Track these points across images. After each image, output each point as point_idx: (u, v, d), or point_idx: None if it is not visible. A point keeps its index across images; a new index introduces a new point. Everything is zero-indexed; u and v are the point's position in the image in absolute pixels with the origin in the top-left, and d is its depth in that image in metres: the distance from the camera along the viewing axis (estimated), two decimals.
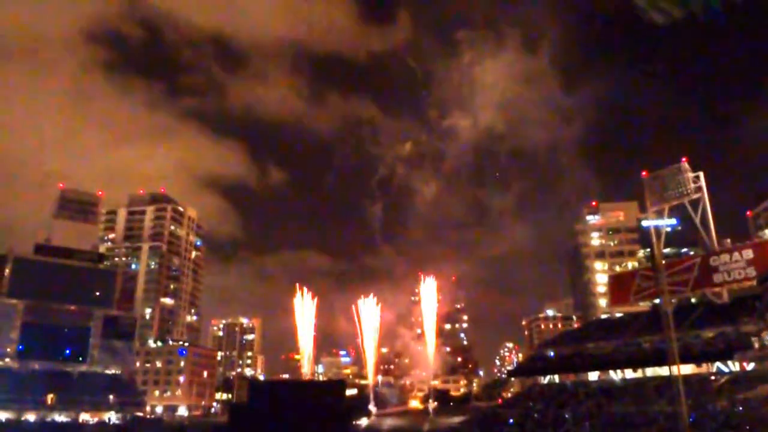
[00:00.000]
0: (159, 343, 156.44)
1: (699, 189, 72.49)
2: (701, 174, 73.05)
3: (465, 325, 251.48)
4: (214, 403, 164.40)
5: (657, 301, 73.13)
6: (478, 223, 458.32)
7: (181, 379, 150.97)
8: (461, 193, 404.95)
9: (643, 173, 74.26)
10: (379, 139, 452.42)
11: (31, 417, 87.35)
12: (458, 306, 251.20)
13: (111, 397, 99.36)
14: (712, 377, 64.22)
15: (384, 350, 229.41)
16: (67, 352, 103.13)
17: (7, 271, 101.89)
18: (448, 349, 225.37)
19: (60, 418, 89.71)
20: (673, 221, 78.41)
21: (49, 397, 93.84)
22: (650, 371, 70.85)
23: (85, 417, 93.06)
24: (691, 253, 75.18)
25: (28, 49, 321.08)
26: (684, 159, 72.67)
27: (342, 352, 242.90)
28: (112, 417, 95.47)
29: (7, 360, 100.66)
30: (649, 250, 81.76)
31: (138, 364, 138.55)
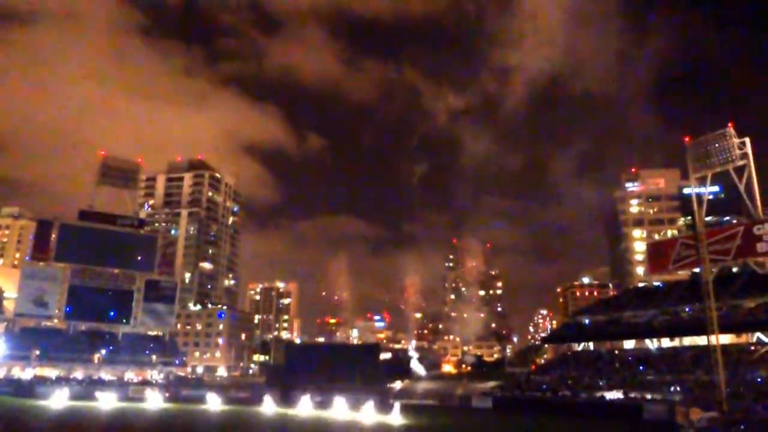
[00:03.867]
0: (199, 307, 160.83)
1: (745, 155, 70.15)
2: (747, 140, 70.57)
3: (500, 292, 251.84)
4: (252, 365, 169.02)
5: (697, 269, 71.74)
6: (519, 190, 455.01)
7: (220, 341, 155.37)
8: (505, 156, 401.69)
9: (686, 139, 72.07)
10: (420, 101, 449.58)
11: (79, 374, 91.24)
12: (493, 272, 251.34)
13: (154, 357, 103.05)
14: (752, 347, 63.23)
15: (417, 315, 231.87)
16: (112, 313, 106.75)
17: (53, 236, 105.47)
18: (482, 315, 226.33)
19: (106, 376, 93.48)
20: (716, 189, 76.22)
21: (96, 357, 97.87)
22: (687, 340, 70.11)
23: (129, 375, 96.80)
24: (734, 221, 73.17)
25: (64, 12, 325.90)
26: (730, 124, 70.27)
27: (376, 317, 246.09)
28: (155, 375, 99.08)
29: (56, 321, 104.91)
30: (690, 217, 79.93)
31: (179, 326, 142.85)
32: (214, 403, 69.71)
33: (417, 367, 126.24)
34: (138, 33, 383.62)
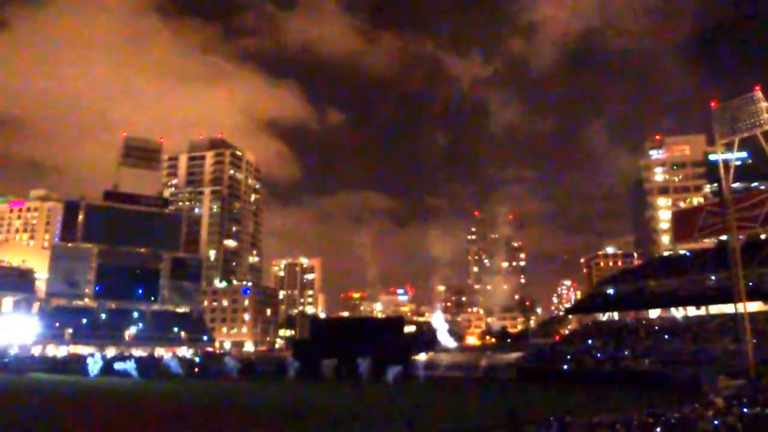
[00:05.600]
0: (224, 284, 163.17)
1: None
2: None
3: (523, 263, 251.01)
4: (279, 340, 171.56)
5: (723, 237, 70.61)
6: (543, 160, 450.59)
7: (246, 317, 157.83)
8: (529, 124, 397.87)
9: (713, 104, 70.41)
10: (441, 71, 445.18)
11: (111, 352, 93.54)
12: (516, 244, 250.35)
13: (183, 333, 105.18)
14: None
15: (441, 288, 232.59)
16: (140, 292, 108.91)
17: (80, 217, 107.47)
18: (505, 286, 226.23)
19: (137, 352, 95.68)
20: (744, 154, 74.54)
21: (127, 334, 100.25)
22: (714, 309, 69.38)
23: (160, 352, 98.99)
24: (762, 187, 71.65)
25: None
26: (756, 87, 68.38)
27: (400, 291, 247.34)
28: (183, 351, 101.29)
29: (87, 300, 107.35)
30: (716, 184, 78.36)
31: (206, 303, 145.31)
32: (239, 376, 71.25)
33: (446, 338, 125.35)
34: (154, 11, 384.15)
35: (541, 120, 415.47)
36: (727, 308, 61.29)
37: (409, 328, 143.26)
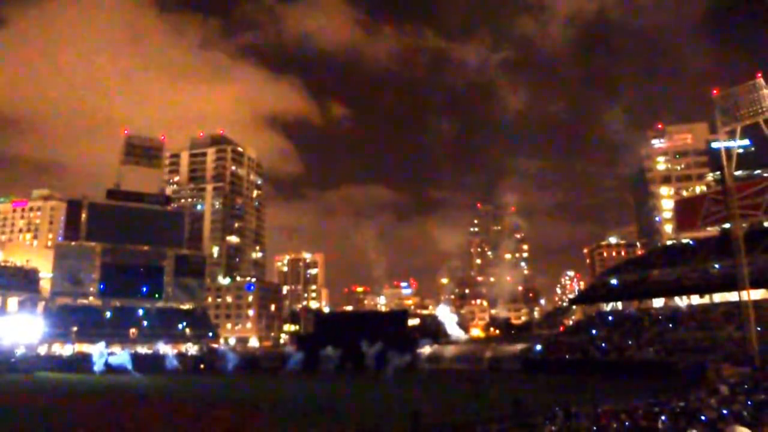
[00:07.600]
0: (228, 280, 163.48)
1: None
2: None
3: (526, 254, 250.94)
4: (283, 335, 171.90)
5: (726, 225, 70.51)
6: (545, 151, 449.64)
7: (250, 312, 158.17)
8: (532, 114, 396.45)
9: (714, 91, 70.15)
10: (442, 64, 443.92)
11: (116, 350, 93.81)
12: (519, 235, 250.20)
13: (187, 330, 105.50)
14: None
15: (444, 281, 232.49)
16: (144, 289, 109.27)
17: (83, 215, 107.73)
18: (509, 278, 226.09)
19: (142, 350, 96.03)
20: (746, 142, 74.32)
21: (131, 331, 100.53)
22: (718, 297, 69.45)
23: (165, 348, 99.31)
24: (765, 174, 71.46)
25: None
26: (759, 75, 68.13)
27: (403, 284, 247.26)
28: (188, 348, 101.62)
29: (91, 298, 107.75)
30: (718, 173, 78.18)
31: (210, 299, 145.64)
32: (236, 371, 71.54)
33: (455, 330, 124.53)
34: (153, 7, 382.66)
35: (547, 108, 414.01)
36: (731, 296, 61.33)
37: (413, 321, 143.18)
